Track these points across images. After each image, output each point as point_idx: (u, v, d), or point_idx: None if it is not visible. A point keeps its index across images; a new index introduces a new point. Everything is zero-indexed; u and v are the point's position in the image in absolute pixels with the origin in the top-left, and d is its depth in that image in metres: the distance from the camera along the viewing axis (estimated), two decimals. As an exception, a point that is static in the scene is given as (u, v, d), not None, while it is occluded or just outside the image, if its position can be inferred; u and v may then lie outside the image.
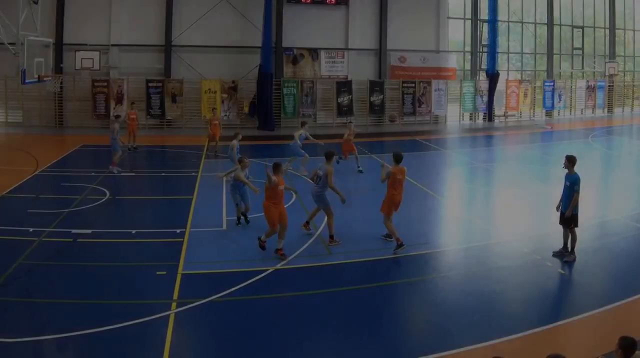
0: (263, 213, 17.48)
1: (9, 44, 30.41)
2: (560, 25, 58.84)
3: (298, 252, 17.86)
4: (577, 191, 16.95)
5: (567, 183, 17.28)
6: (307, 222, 19.89)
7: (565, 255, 17.34)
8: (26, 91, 41.73)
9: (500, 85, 53.36)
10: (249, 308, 14.05)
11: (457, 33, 55.37)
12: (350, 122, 32.44)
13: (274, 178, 17.00)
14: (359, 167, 29.73)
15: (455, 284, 15.82)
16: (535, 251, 18.00)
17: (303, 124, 30.19)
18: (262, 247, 17.50)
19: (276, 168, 17.45)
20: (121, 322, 12.88)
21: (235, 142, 26.99)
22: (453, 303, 14.59)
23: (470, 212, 23.44)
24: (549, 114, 57.64)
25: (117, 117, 31.78)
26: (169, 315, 13.39)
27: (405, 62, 51.12)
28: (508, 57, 58.01)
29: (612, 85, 60.44)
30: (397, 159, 18.28)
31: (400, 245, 17.71)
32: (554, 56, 58.85)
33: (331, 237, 18.81)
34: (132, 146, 35.45)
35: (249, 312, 13.84)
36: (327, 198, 18.97)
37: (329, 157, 19.17)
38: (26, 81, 30.95)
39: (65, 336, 12.33)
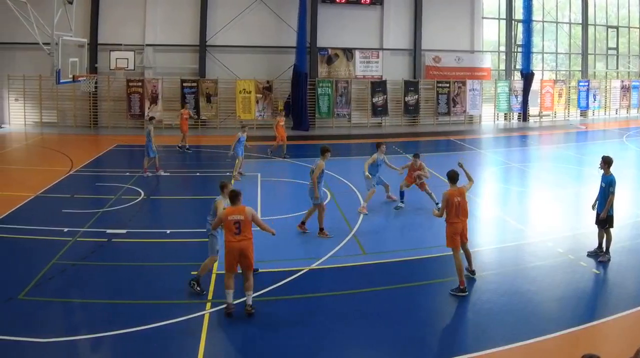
0: (251, 258, 13.40)
1: (44, 44, 30.18)
2: (595, 25, 57.09)
3: (332, 252, 17.42)
4: (613, 193, 16.50)
5: (603, 184, 16.79)
6: (321, 229, 19.03)
7: (600, 255, 16.87)
8: (61, 91, 41.82)
9: (535, 85, 52.22)
10: (283, 308, 13.78)
11: (491, 33, 53.89)
12: (417, 156, 23.18)
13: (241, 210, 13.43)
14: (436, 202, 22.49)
15: (489, 284, 15.26)
16: (569, 251, 17.48)
17: (379, 146, 22.52)
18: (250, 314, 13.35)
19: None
20: (156, 322, 12.60)
21: (241, 134, 27.29)
22: (487, 303, 14.08)
23: (505, 212, 22.60)
24: (583, 114, 56.18)
25: (152, 119, 30.09)
26: (203, 315, 13.12)
27: (440, 62, 49.63)
28: (543, 57, 56.30)
29: (647, 85, 58.76)
30: (452, 178, 15.06)
31: (461, 290, 14.39)
32: (589, 56, 57.21)
33: (302, 223, 19.03)
34: (184, 146, 35.00)
35: (284, 312, 13.60)
36: (320, 194, 18.73)
37: (323, 152, 18.94)
38: (61, 81, 31.05)
39: (100, 336, 12.07)
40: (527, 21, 50.65)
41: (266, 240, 18.19)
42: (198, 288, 14.23)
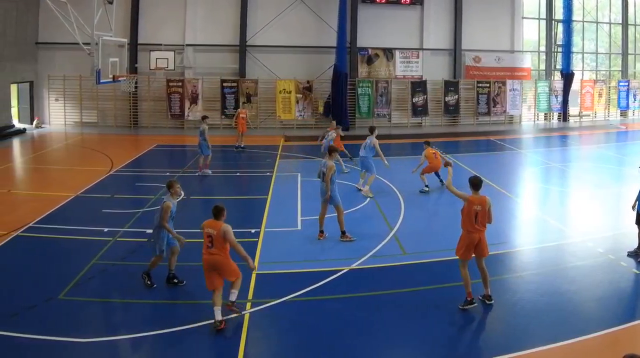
0: (226, 272, 12.76)
1: (84, 44, 29.20)
2: (635, 25, 54.25)
3: (373, 251, 17.13)
4: None
5: None
6: (343, 232, 18.32)
7: (641, 255, 16.16)
8: (101, 91, 40.86)
9: (575, 85, 49.82)
10: (323, 309, 13.50)
11: (531, 33, 51.34)
12: (428, 142, 24.91)
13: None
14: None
15: (529, 284, 14.98)
16: (609, 251, 17.13)
17: (375, 129, 24.24)
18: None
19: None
20: (196, 322, 12.47)
21: (333, 133, 28.26)
22: (527, 303, 13.78)
23: (545, 212, 21.95)
24: (623, 114, 53.52)
25: (205, 118, 28.59)
26: (243, 315, 12.90)
27: (480, 62, 47.29)
28: (583, 57, 53.56)
29: (688, 86, 56.40)
30: (475, 185, 13.57)
31: (469, 302, 13.37)
32: (629, 56, 54.45)
33: (343, 233, 17.99)
34: (238, 146, 34.43)
35: (324, 312, 13.32)
36: (336, 195, 18.04)
37: (330, 152, 18.47)
38: (101, 81, 30.11)
39: (139, 336, 11.99)
40: (568, 21, 48.11)
41: (305, 238, 18.42)
42: (149, 282, 14.38)
